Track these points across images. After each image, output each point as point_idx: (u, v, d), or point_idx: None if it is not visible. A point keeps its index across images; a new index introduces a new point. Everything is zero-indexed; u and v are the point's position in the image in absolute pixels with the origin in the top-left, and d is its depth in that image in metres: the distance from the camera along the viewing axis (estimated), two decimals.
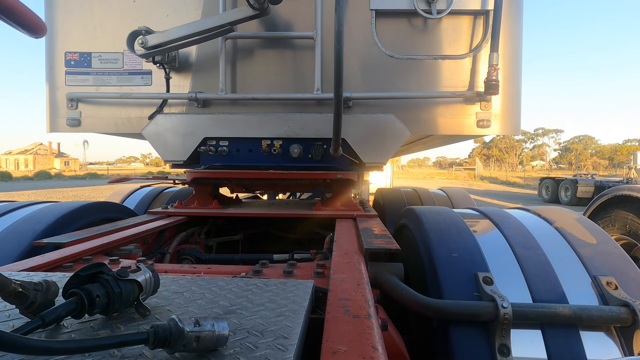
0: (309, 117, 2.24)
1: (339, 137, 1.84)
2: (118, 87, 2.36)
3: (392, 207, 3.90)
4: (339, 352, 0.63)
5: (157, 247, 1.91)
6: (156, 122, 2.32)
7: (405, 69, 2.25)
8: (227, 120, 2.29)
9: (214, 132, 2.29)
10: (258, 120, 2.27)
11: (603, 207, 3.63)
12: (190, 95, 2.24)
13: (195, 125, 2.30)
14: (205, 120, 2.29)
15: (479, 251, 1.43)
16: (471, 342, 1.19)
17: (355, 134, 2.23)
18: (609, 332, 1.20)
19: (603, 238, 1.52)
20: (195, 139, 2.30)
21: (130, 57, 2.33)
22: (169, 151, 2.32)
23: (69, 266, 1.21)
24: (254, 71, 2.32)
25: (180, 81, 2.35)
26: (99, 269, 0.67)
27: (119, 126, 2.40)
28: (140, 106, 2.37)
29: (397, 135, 2.24)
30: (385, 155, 2.25)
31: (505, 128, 2.29)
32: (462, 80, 2.25)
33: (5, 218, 1.87)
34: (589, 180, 15.90)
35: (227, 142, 2.31)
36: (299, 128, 2.25)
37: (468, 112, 2.26)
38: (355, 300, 0.87)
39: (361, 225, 1.83)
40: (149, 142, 2.37)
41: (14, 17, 0.71)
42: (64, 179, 37.82)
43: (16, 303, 0.61)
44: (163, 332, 0.53)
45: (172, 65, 2.28)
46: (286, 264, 1.27)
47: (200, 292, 0.87)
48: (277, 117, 2.26)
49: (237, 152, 2.31)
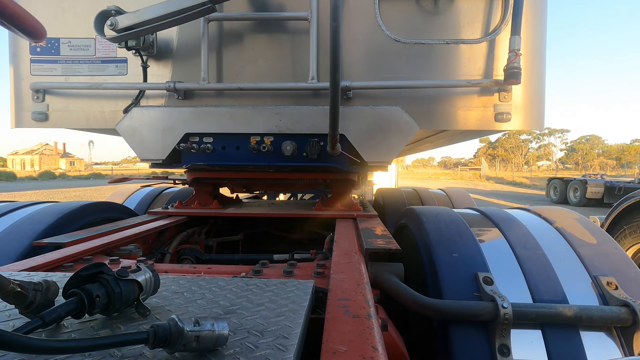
0: (304, 110, 2.01)
1: (337, 132, 1.63)
2: (90, 77, 2.12)
3: (392, 207, 3.90)
4: (339, 352, 0.63)
5: (157, 247, 1.91)
6: (132, 116, 2.07)
7: (413, 55, 1.99)
8: (211, 113, 2.04)
9: (197, 127, 2.05)
10: (246, 113, 2.03)
11: (629, 211, 3.38)
12: (168, 85, 2.00)
13: (175, 119, 2.05)
14: (186, 113, 2.05)
15: (479, 251, 1.43)
16: (471, 342, 1.18)
17: (356, 129, 1.99)
18: (609, 332, 1.20)
19: (603, 238, 1.52)
20: (176, 134, 2.06)
21: (104, 43, 2.10)
22: (146, 148, 2.09)
23: (69, 266, 1.21)
24: (241, 58, 2.07)
25: (159, 70, 2.11)
26: (99, 269, 0.67)
27: (90, 121, 2.16)
28: (114, 98, 2.14)
29: (404, 131, 1.99)
30: (390, 154, 2.02)
31: (528, 122, 2.03)
32: (477, 68, 1.99)
33: (6, 218, 1.87)
34: (599, 180, 15.57)
35: (212, 139, 2.07)
36: (292, 122, 2.00)
37: (485, 104, 2.00)
38: (355, 300, 0.87)
39: (361, 225, 1.83)
40: (124, 138, 2.12)
41: (15, 23, 0.73)
42: (68, 179, 37.91)
43: (15, 303, 0.62)
44: (163, 332, 0.53)
45: (150, 52, 2.05)
46: (286, 264, 1.27)
47: (200, 292, 0.87)
48: (268, 110, 2.01)
49: (222, 150, 2.07)
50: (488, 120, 2.00)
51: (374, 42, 2.01)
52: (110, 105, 2.15)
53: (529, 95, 2.03)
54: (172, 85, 2.00)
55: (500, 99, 2.00)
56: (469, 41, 1.99)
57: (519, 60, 1.85)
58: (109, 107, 2.16)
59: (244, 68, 2.08)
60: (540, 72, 2.07)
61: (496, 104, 2.00)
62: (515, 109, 2.01)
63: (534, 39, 2.02)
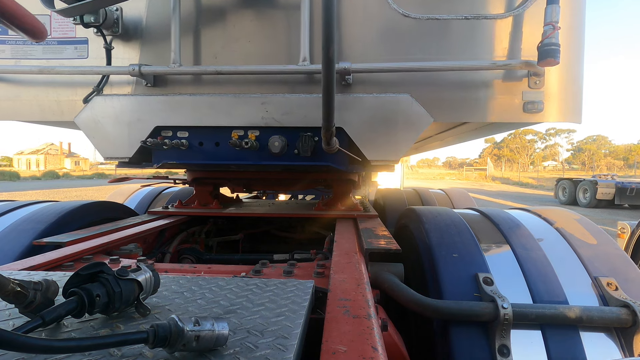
0: (295, 99, 1.72)
1: (332, 123, 1.37)
2: (44, 60, 1.85)
3: (392, 207, 3.90)
4: (339, 352, 0.63)
5: (158, 247, 1.91)
6: (93, 107, 1.80)
7: (426, 33, 1.71)
8: (186, 103, 1.77)
9: (169, 120, 1.78)
10: (227, 103, 1.75)
11: None
12: (132, 68, 1.72)
13: (144, 110, 1.78)
14: (157, 103, 1.78)
15: (479, 252, 1.43)
16: (471, 342, 1.18)
17: (357, 121, 1.71)
18: (609, 333, 1.20)
19: (603, 239, 1.52)
20: (145, 128, 1.79)
21: (60, 20, 1.85)
22: (110, 145, 1.81)
23: (69, 265, 1.21)
24: (220, 37, 1.79)
25: (126, 52, 1.84)
26: (99, 269, 0.67)
27: (45, 112, 1.90)
28: (72, 86, 1.87)
29: (414, 124, 1.69)
30: (397, 151, 1.73)
31: (563, 113, 1.72)
32: (502, 49, 1.70)
33: (6, 217, 1.87)
34: (610, 181, 15.08)
35: (187, 133, 1.81)
36: (281, 113, 1.73)
37: (512, 91, 1.70)
38: (355, 300, 0.87)
39: (361, 225, 1.83)
40: (84, 132, 1.84)
41: (15, 22, 0.73)
42: (71, 178, 37.94)
43: (15, 302, 0.62)
44: (163, 332, 0.53)
45: (114, 31, 1.79)
46: (286, 264, 1.27)
47: (200, 291, 0.87)
48: (252, 100, 1.74)
49: (199, 146, 1.81)
50: (515, 110, 1.70)
51: (378, 18, 1.73)
52: (67, 94, 1.89)
53: (565, 80, 1.71)
54: (136, 68, 1.72)
55: (530, 85, 1.69)
56: (493, 16, 1.69)
57: (557, 35, 1.52)
58: (66, 96, 1.88)
59: (224, 49, 1.80)
60: (579, 52, 1.75)
61: (525, 92, 1.69)
62: (549, 98, 1.69)
63: (572, 10, 1.69)
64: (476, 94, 1.72)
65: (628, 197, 14.41)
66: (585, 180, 16.25)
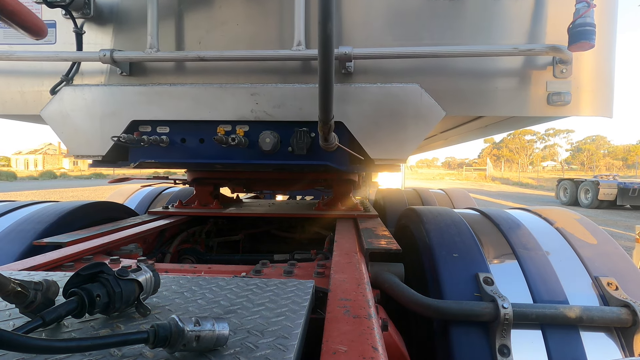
0: (288, 90, 1.55)
1: (330, 116, 1.19)
2: (6, 45, 1.68)
3: (392, 207, 3.90)
4: (339, 352, 0.63)
5: (158, 247, 1.91)
6: (62, 99, 1.62)
7: (437, 13, 1.53)
8: (166, 94, 1.60)
9: (148, 113, 1.61)
10: (212, 94, 1.58)
11: None
12: (103, 54, 1.54)
13: (119, 102, 1.61)
14: (133, 95, 1.61)
15: (479, 252, 1.43)
16: (471, 342, 1.18)
17: (359, 114, 1.54)
18: (610, 333, 1.20)
19: (603, 238, 1.52)
20: (119, 122, 1.62)
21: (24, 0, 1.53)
22: (81, 141, 1.64)
23: (69, 266, 1.21)
24: (204, 20, 1.62)
25: (99, 37, 1.67)
26: (100, 269, 0.67)
27: (7, 104, 1.71)
28: (38, 75, 1.69)
29: (424, 117, 1.52)
30: (405, 149, 1.57)
31: (594, 106, 1.55)
32: (523, 33, 1.51)
33: (7, 217, 1.87)
34: (612, 181, 14.95)
35: (168, 128, 1.64)
36: (273, 106, 1.56)
37: (535, 80, 1.51)
38: (355, 300, 0.87)
39: (362, 225, 1.83)
40: (52, 127, 1.67)
41: (16, 20, 0.74)
42: (69, 178, 37.86)
43: (16, 302, 0.62)
44: (163, 332, 0.53)
45: (85, 12, 1.63)
46: (287, 263, 1.28)
47: (200, 291, 0.87)
48: (241, 90, 1.57)
49: (182, 143, 1.64)
50: (538, 103, 1.53)
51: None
52: (33, 84, 1.70)
53: (596, 67, 1.53)
54: (107, 54, 1.54)
55: (555, 74, 1.50)
56: None
57: (592, 14, 1.30)
58: (31, 87, 1.71)
59: (209, 33, 1.62)
60: (611, 34, 1.57)
61: (550, 81, 1.51)
62: (577, 88, 1.51)
63: None
64: (494, 84, 1.53)
65: (630, 198, 14.28)
66: (587, 180, 16.08)
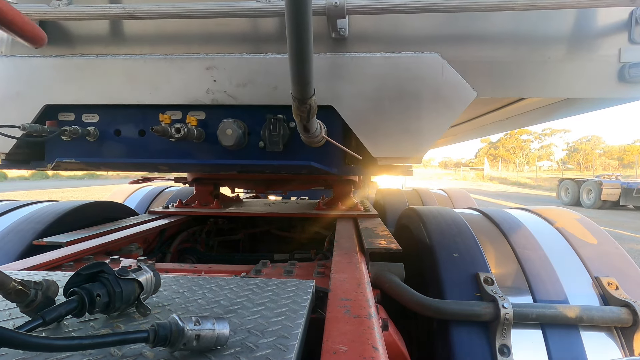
0: (258, 62, 1.15)
1: (309, 91, 0.83)
2: None
3: (392, 207, 3.90)
4: (340, 352, 0.63)
5: (158, 247, 1.91)
6: None
7: None
8: (91, 69, 1.18)
9: (67, 95, 1.21)
10: (154, 69, 1.18)
11: None
12: None
13: (26, 80, 1.20)
14: (47, 69, 1.19)
15: (479, 251, 1.42)
16: (472, 342, 1.18)
17: (356, 96, 1.14)
18: (610, 333, 1.20)
19: (604, 238, 1.52)
20: (28, 107, 1.21)
21: None
22: None
23: (69, 265, 1.21)
24: None
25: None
26: (100, 268, 0.67)
27: None
28: None
29: (447, 100, 1.12)
30: (420, 144, 1.18)
31: None
32: None
33: (7, 217, 1.87)
34: (615, 181, 14.71)
35: (97, 116, 1.25)
36: (237, 84, 1.16)
37: (601, 48, 1.11)
38: (355, 300, 0.87)
39: (362, 225, 1.83)
40: None
41: (15, 29, 0.77)
42: (61, 179, 37.64)
43: (16, 301, 0.62)
44: (163, 331, 0.53)
45: None
46: (287, 263, 1.28)
47: (200, 291, 0.87)
48: (193, 63, 1.17)
49: (116, 136, 1.26)
50: (605, 79, 1.12)
51: None
52: None
53: None
54: None
55: (633, 37, 1.09)
56: None
57: None
58: None
59: None
60: None
61: (625, 48, 1.10)
62: None
63: None
64: (545, 52, 1.13)
65: (634, 198, 14.14)
66: (589, 180, 15.79)
